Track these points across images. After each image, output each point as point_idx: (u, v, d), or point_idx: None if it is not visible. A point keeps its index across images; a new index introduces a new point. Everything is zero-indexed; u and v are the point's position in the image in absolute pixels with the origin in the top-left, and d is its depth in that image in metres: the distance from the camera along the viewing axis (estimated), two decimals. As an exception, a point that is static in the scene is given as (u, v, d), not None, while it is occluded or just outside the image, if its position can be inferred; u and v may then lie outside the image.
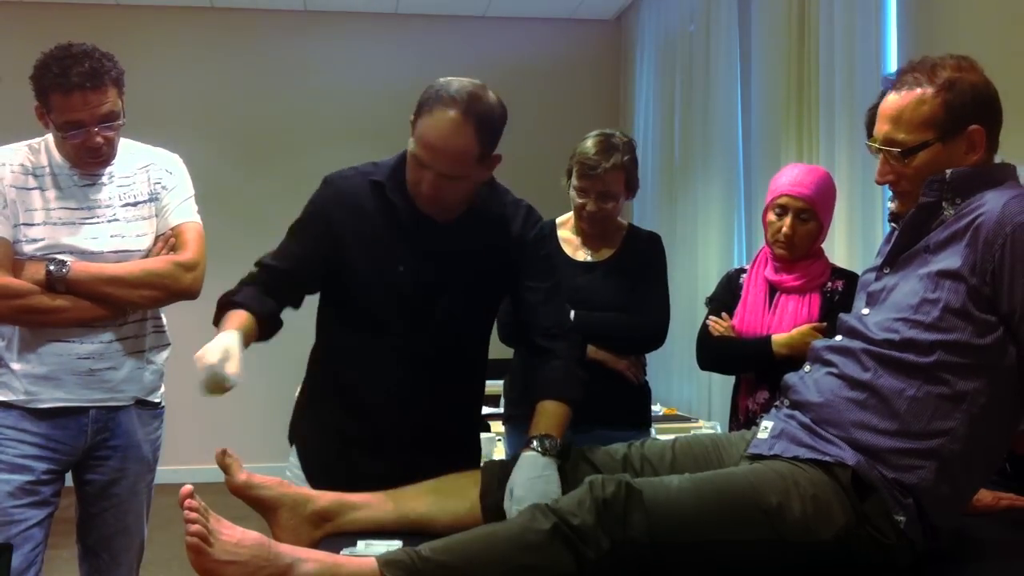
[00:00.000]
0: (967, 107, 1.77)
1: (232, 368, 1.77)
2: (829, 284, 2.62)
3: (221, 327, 1.93)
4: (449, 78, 2.01)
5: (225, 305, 2.01)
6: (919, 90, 1.79)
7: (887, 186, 1.90)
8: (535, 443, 1.88)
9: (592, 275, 2.77)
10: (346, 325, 2.13)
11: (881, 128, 1.84)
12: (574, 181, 2.74)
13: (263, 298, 2.02)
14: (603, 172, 2.66)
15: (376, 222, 2.06)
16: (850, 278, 2.61)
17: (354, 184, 2.09)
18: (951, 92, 1.77)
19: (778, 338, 2.56)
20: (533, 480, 1.82)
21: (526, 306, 2.14)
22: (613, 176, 2.68)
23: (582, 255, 2.81)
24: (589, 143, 2.71)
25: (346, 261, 2.07)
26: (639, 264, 2.79)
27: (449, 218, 2.07)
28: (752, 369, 2.67)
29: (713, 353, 2.73)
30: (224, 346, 1.80)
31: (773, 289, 2.66)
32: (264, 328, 2.02)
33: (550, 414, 1.98)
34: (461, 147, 1.94)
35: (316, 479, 2.11)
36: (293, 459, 2.22)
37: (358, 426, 2.11)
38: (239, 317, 1.95)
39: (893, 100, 1.83)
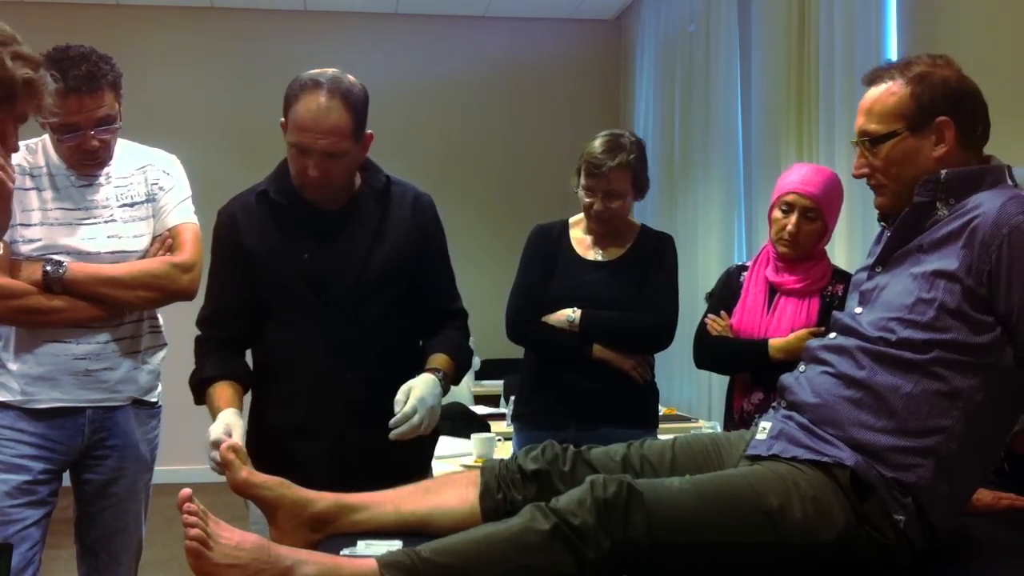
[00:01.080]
0: (936, 99, 1.79)
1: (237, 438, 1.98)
2: (829, 288, 2.61)
3: (211, 408, 2.13)
4: (307, 72, 2.14)
5: (200, 385, 2.20)
6: (891, 83, 1.83)
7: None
8: (437, 373, 2.15)
9: (600, 273, 2.77)
10: (269, 329, 2.23)
11: (857, 121, 1.88)
12: (582, 180, 2.74)
13: (228, 361, 2.22)
14: (608, 171, 2.66)
15: (271, 226, 2.20)
16: (850, 278, 2.60)
17: (243, 203, 2.24)
18: (921, 85, 1.80)
19: (775, 343, 2.56)
20: (431, 390, 2.09)
21: (428, 291, 2.30)
22: (619, 175, 2.68)
23: (592, 255, 2.81)
24: (597, 142, 2.72)
25: (259, 271, 2.19)
26: (649, 263, 2.78)
27: (335, 205, 2.19)
28: (748, 371, 2.66)
29: (710, 353, 2.73)
30: (226, 422, 2.02)
31: (773, 290, 2.65)
32: (245, 384, 2.23)
33: (444, 362, 2.22)
34: (335, 121, 2.06)
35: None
36: None
37: (288, 415, 2.21)
38: (223, 393, 2.14)
39: (868, 94, 1.87)
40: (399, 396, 2.06)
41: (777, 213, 2.61)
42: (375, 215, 2.22)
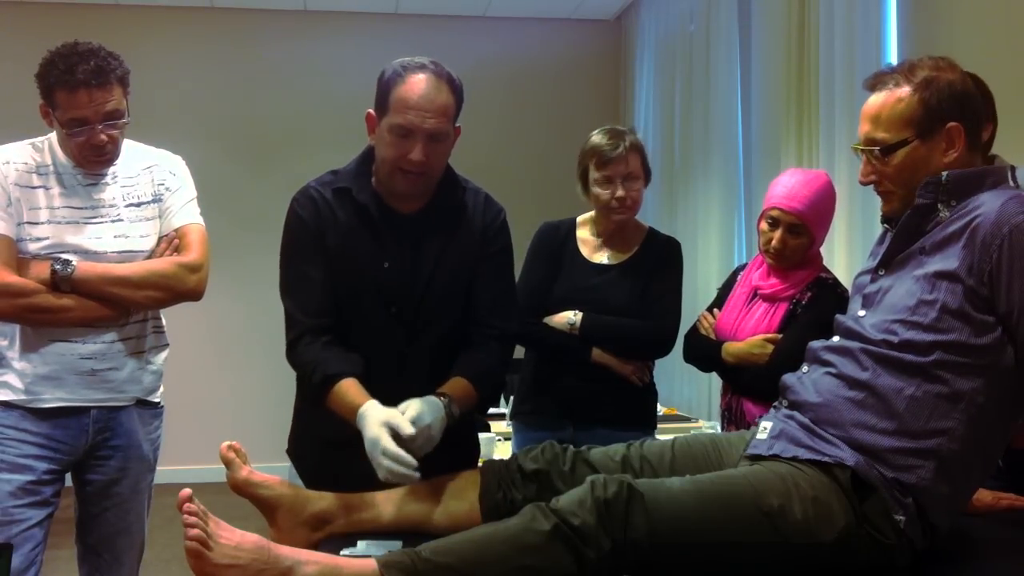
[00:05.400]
0: (944, 104, 1.78)
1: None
2: (798, 295, 2.56)
3: (346, 405, 1.93)
4: (397, 60, 2.05)
5: (326, 382, 1.98)
6: (897, 89, 1.81)
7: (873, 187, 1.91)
8: (440, 396, 1.95)
9: (606, 276, 2.75)
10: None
11: (862, 128, 1.86)
12: (594, 175, 2.70)
13: (350, 356, 2.03)
14: (623, 153, 2.66)
15: (352, 227, 2.09)
16: (822, 287, 2.56)
17: (321, 197, 2.11)
18: (928, 90, 1.79)
19: (727, 346, 2.58)
20: (430, 407, 1.89)
21: (475, 300, 2.16)
22: (632, 156, 2.68)
23: (599, 257, 2.78)
24: (598, 136, 2.71)
25: (339, 272, 2.08)
26: (654, 268, 2.76)
27: (413, 206, 2.11)
28: (714, 371, 2.69)
29: (688, 349, 2.75)
30: (387, 415, 1.84)
31: (756, 292, 2.65)
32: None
33: (458, 386, 2.03)
34: (444, 101, 2.02)
35: (310, 486, 2.08)
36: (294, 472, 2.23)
37: (337, 427, 1.99)
38: (357, 390, 1.95)
39: (873, 100, 1.85)
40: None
41: (764, 225, 2.59)
42: (447, 227, 2.12)
